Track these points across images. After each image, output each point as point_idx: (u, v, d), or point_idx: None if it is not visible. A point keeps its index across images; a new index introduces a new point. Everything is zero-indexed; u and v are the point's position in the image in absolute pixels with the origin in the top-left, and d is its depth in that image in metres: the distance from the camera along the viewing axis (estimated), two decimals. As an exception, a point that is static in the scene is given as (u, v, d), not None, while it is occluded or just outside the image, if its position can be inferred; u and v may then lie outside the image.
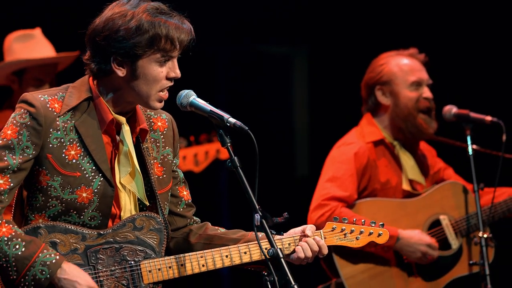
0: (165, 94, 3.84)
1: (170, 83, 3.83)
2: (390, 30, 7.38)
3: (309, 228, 3.98)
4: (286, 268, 3.61)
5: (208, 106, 3.81)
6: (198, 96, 3.86)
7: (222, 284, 7.94)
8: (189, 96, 3.84)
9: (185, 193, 4.09)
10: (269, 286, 3.61)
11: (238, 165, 3.71)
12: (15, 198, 3.86)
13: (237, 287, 7.88)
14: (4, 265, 3.67)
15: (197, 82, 4.83)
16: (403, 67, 5.67)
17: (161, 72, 3.79)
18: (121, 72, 3.80)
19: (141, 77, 3.79)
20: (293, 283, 3.59)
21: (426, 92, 5.65)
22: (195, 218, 4.12)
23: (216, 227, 4.10)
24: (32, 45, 6.14)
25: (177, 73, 3.82)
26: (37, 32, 6.21)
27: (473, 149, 5.53)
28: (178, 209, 4.07)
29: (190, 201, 4.11)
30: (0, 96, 6.38)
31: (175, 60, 3.83)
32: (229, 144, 3.75)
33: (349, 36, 7.61)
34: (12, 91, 6.24)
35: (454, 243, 5.59)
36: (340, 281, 5.48)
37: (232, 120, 3.75)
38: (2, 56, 6.25)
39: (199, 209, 4.17)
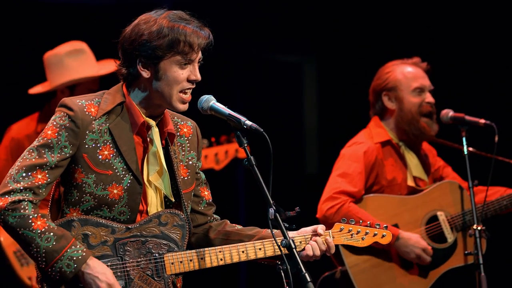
0: (187, 97, 3.83)
1: (191, 85, 3.82)
2: (391, 39, 7.37)
3: (320, 227, 3.98)
4: (298, 257, 3.61)
5: (226, 110, 3.80)
6: (217, 100, 3.84)
7: (239, 272, 7.94)
8: (209, 101, 3.83)
9: (206, 193, 4.09)
10: (283, 274, 3.60)
11: (254, 163, 3.70)
12: (51, 193, 3.86)
13: (252, 276, 7.88)
14: (35, 254, 3.68)
15: (216, 86, 4.83)
16: (407, 75, 5.65)
17: (181, 74, 3.79)
18: (146, 74, 3.80)
19: (163, 78, 3.79)
20: (304, 271, 3.57)
21: (428, 97, 5.64)
22: (215, 216, 4.11)
23: (234, 224, 4.09)
24: (85, 62, 6.16)
25: (197, 75, 3.82)
26: (84, 46, 6.21)
27: (468, 150, 5.53)
28: (200, 208, 4.06)
29: (210, 200, 4.10)
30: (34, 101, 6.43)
31: (196, 64, 3.82)
32: (246, 145, 3.74)
33: (353, 45, 7.61)
34: (50, 97, 6.28)
35: (450, 237, 5.57)
36: (344, 269, 5.47)
37: (248, 122, 3.74)
38: (39, 65, 6.28)
39: (219, 203, 4.17)
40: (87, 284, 3.71)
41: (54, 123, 3.77)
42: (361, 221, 4.08)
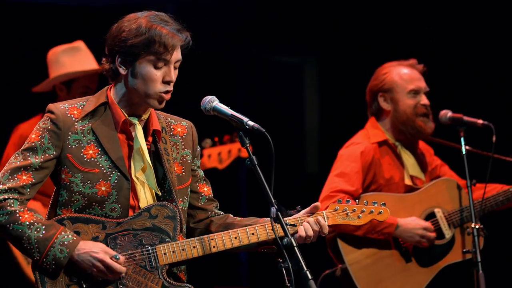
0: (166, 96, 3.86)
1: (168, 87, 3.85)
2: (391, 40, 7.39)
3: (316, 204, 3.98)
4: (299, 255, 3.62)
5: (229, 111, 3.82)
6: (220, 101, 3.86)
7: (240, 270, 7.97)
8: (212, 101, 3.85)
9: (205, 189, 4.10)
10: (284, 271, 3.61)
11: (256, 163, 3.72)
12: (52, 197, 3.91)
13: (254, 273, 7.90)
14: (28, 247, 3.73)
15: (216, 87, 4.86)
16: (403, 76, 5.65)
17: (156, 74, 3.81)
18: (122, 70, 3.85)
19: (139, 77, 3.82)
20: (305, 269, 3.59)
21: (424, 100, 5.64)
22: (216, 210, 4.12)
23: (236, 217, 4.10)
24: (80, 58, 6.20)
25: (171, 77, 3.83)
26: (81, 44, 6.28)
27: (466, 149, 5.57)
28: (200, 204, 4.08)
29: (211, 196, 4.11)
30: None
31: (171, 66, 3.84)
32: (248, 145, 3.77)
33: (354, 46, 7.64)
34: (55, 97, 6.32)
35: (447, 233, 5.59)
36: (344, 266, 5.49)
37: (250, 123, 3.76)
38: (44, 66, 6.33)
39: (222, 201, 4.18)
40: (84, 264, 3.75)
41: (38, 127, 3.85)
42: (357, 200, 4.08)
